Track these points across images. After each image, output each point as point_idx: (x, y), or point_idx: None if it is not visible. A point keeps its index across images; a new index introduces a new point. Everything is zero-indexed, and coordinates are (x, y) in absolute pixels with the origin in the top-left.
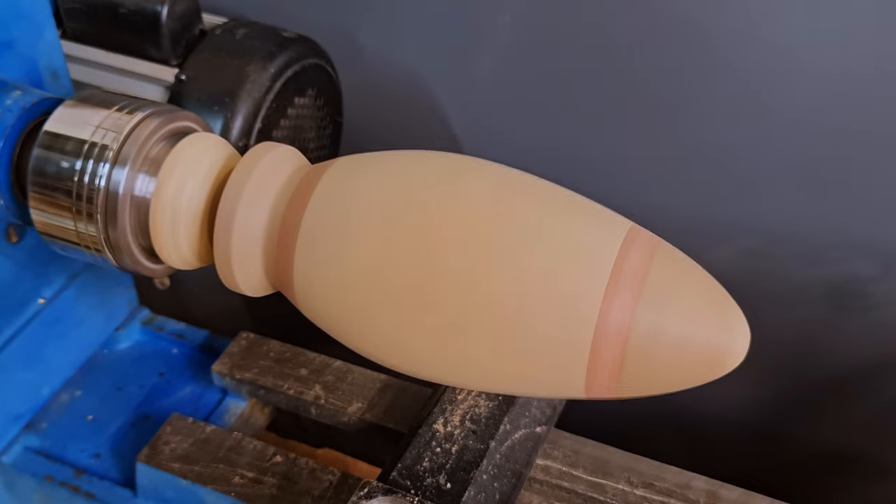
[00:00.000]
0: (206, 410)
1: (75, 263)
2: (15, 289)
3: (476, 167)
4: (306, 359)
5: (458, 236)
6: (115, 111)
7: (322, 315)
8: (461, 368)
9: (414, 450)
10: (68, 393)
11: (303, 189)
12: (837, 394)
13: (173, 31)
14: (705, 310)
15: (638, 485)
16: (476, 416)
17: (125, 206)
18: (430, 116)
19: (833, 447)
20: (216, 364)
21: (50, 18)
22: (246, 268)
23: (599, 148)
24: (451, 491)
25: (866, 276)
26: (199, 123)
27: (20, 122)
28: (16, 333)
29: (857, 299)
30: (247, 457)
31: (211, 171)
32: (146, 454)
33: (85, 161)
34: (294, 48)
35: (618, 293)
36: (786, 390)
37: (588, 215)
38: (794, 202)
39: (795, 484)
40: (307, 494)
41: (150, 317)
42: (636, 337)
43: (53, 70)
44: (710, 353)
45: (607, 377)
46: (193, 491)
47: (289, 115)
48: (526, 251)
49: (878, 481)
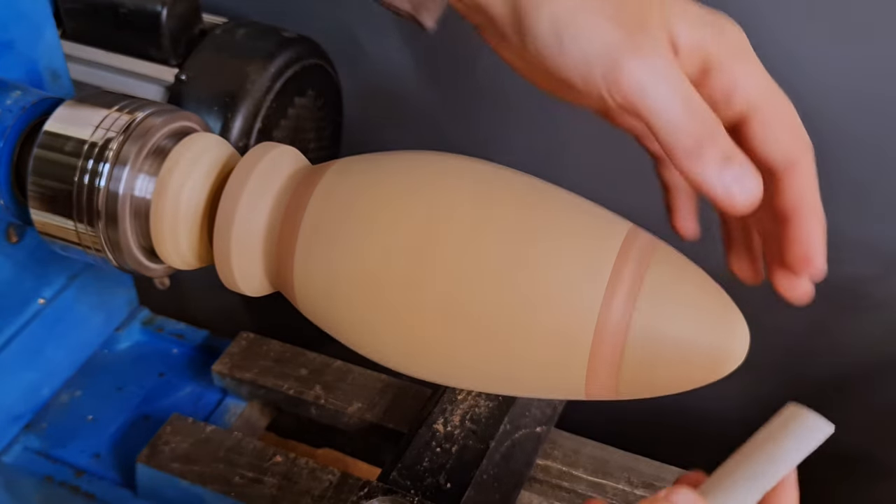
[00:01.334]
0: (206, 410)
1: (75, 263)
2: (15, 289)
3: (475, 167)
4: (306, 359)
5: (457, 237)
6: (115, 111)
7: (322, 315)
8: (461, 369)
9: (414, 450)
10: (68, 393)
11: (303, 189)
12: (837, 394)
13: (173, 31)
14: (705, 311)
15: (638, 485)
16: (476, 416)
17: (125, 205)
18: (430, 116)
19: (833, 447)
20: (216, 364)
21: (50, 18)
22: (246, 268)
23: (599, 147)
24: (451, 491)
25: (866, 276)
26: (200, 123)
27: (20, 122)
28: (16, 333)
29: (857, 299)
30: (247, 457)
31: (211, 170)
32: (146, 454)
33: (85, 161)
34: (294, 48)
35: (617, 295)
36: (786, 390)
37: (587, 216)
38: None
39: None
40: (307, 494)
41: (150, 317)
42: (636, 339)
43: (53, 70)
44: (710, 354)
45: (607, 379)
46: (193, 491)
47: (289, 115)
48: (525, 252)
49: (878, 481)
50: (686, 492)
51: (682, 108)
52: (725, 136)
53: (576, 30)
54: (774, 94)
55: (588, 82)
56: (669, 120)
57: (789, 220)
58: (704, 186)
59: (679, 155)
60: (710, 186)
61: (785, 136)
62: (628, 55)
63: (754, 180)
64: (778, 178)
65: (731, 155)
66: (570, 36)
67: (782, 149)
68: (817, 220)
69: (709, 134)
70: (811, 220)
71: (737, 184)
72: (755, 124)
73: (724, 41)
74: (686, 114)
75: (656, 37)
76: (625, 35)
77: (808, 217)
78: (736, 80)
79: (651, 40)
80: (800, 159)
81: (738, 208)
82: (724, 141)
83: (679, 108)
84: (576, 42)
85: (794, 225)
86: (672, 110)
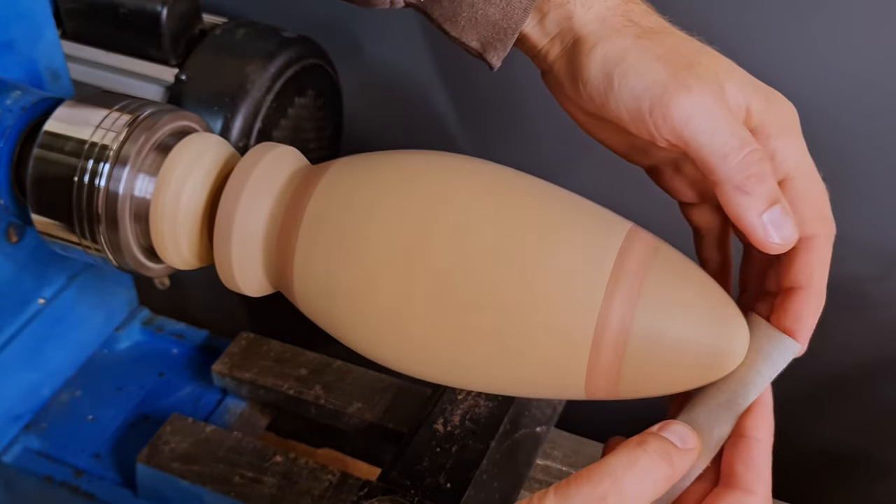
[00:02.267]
0: (206, 410)
1: (75, 263)
2: (15, 289)
3: (474, 167)
4: (306, 359)
5: (456, 237)
6: (116, 111)
7: (322, 315)
8: (461, 368)
9: (414, 450)
10: (68, 393)
11: (303, 189)
12: (837, 394)
13: (173, 31)
14: (705, 311)
15: None
16: (476, 416)
17: (125, 205)
18: (430, 116)
19: (833, 447)
20: (216, 364)
21: (50, 18)
22: (246, 268)
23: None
24: (451, 491)
25: (865, 276)
26: (200, 123)
27: (20, 122)
28: (16, 333)
29: (856, 299)
30: (247, 457)
31: (211, 170)
32: (146, 454)
33: (85, 161)
34: (294, 48)
35: (617, 294)
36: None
37: (587, 216)
38: None
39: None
40: (307, 494)
41: (150, 317)
42: (636, 338)
43: (53, 70)
44: (710, 353)
45: (607, 378)
46: (193, 491)
47: (289, 115)
48: (525, 252)
49: (878, 481)
50: (677, 426)
51: (732, 140)
52: (773, 177)
53: (626, 67)
54: (811, 172)
55: (636, 118)
56: (719, 150)
57: (792, 292)
58: (744, 221)
59: (727, 188)
60: (751, 224)
61: (811, 211)
62: (677, 90)
63: (793, 228)
64: (795, 248)
65: (777, 198)
66: (620, 73)
67: (806, 222)
68: (817, 302)
69: (759, 172)
70: (812, 301)
71: (777, 227)
72: (786, 193)
73: (772, 110)
74: (737, 145)
75: (705, 77)
76: (673, 73)
77: (811, 297)
78: (776, 149)
79: (700, 80)
80: (819, 234)
81: (773, 250)
82: (772, 182)
83: (729, 139)
84: (625, 79)
85: (794, 298)
86: (722, 142)
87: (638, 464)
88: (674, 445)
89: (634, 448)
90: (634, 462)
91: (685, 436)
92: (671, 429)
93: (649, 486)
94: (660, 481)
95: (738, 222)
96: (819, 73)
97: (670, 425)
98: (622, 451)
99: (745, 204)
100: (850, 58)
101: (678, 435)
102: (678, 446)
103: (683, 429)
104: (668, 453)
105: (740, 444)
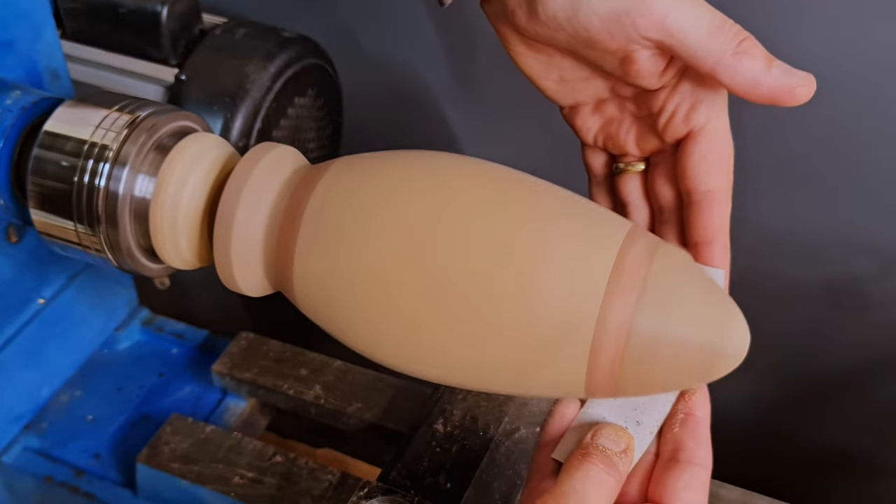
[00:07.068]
0: (206, 410)
1: (75, 263)
2: (15, 289)
3: (474, 167)
4: (306, 359)
5: (456, 237)
6: (115, 111)
7: (322, 315)
8: (461, 368)
9: (414, 450)
10: (68, 393)
11: (303, 189)
12: (837, 394)
13: (173, 31)
14: (705, 310)
15: None
16: (476, 416)
17: (125, 205)
18: (430, 116)
19: (833, 447)
20: (216, 364)
21: (50, 18)
22: (246, 268)
23: None
24: (450, 491)
25: (865, 276)
26: (200, 123)
27: (20, 122)
28: (16, 333)
29: (856, 299)
30: (247, 457)
31: (211, 170)
32: (146, 454)
33: (85, 161)
34: (294, 48)
35: (617, 293)
36: (785, 390)
37: (587, 215)
38: (794, 202)
39: (795, 484)
40: (307, 494)
41: (149, 317)
42: (636, 337)
43: (53, 70)
44: (710, 353)
45: (607, 377)
46: (193, 491)
47: (289, 115)
48: (525, 252)
49: (878, 481)
50: (609, 431)
51: (714, 19)
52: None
53: None
54: (725, 127)
55: (611, 22)
56: (706, 30)
57: (700, 247)
58: (758, 82)
59: (725, 61)
60: (765, 82)
61: (720, 163)
62: None
63: (805, 73)
64: (701, 203)
65: (772, 56)
66: None
67: (713, 174)
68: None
69: (748, 38)
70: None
71: (791, 74)
72: (699, 143)
73: None
74: (720, 23)
75: None
76: None
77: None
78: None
79: None
80: (723, 189)
81: (798, 96)
82: (762, 48)
83: (711, 20)
84: None
85: (702, 254)
86: (706, 22)
87: (590, 477)
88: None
89: (582, 461)
90: (587, 476)
91: (616, 438)
92: (602, 433)
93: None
94: (614, 488)
95: (751, 89)
96: (819, 73)
97: (601, 432)
98: (573, 468)
99: (749, 66)
100: (850, 57)
101: (611, 439)
102: (615, 450)
103: (615, 432)
104: (610, 460)
105: (690, 422)
